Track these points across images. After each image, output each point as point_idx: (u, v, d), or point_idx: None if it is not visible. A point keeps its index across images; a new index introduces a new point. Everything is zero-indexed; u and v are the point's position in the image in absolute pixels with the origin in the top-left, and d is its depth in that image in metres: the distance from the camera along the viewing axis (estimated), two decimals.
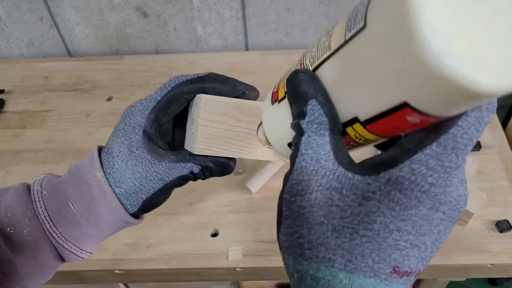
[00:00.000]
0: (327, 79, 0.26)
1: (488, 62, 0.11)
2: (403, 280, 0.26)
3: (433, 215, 0.25)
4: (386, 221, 0.25)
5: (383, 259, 0.25)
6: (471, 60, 0.11)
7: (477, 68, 0.12)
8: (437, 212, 0.25)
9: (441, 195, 0.25)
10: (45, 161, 0.85)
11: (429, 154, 0.24)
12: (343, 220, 0.25)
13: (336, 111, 0.27)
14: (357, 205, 0.25)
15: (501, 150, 0.81)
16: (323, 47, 0.26)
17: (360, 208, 0.25)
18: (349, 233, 0.25)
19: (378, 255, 0.25)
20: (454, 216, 0.26)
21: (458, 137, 0.24)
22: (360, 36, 0.20)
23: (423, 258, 0.26)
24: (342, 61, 0.24)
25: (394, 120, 0.22)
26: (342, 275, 0.25)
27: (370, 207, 0.25)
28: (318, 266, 0.25)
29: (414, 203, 0.25)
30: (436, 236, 0.26)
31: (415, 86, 0.15)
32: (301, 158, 0.27)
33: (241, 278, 0.77)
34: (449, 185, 0.25)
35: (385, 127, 0.24)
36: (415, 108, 0.18)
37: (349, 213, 0.25)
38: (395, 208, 0.25)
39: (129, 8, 0.99)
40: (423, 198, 0.25)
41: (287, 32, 1.03)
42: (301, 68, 0.28)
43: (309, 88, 0.27)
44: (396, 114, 0.21)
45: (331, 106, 0.27)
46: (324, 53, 0.26)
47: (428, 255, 0.26)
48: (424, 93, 0.15)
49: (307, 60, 0.28)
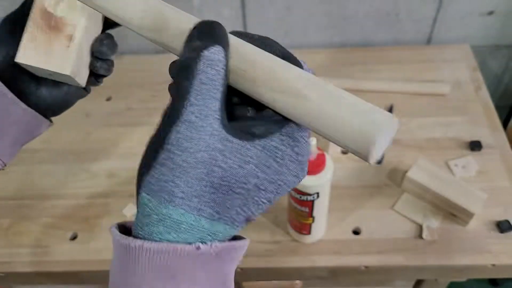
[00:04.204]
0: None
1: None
2: (246, 224, 0.30)
3: (294, 180, 0.30)
4: (258, 182, 0.28)
5: (244, 211, 0.29)
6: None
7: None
8: (297, 178, 0.30)
9: (304, 164, 0.30)
10: (44, 161, 0.85)
11: (294, 127, 0.29)
12: (223, 179, 0.28)
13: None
14: (238, 167, 0.28)
15: (502, 151, 0.81)
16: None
17: (239, 170, 0.28)
18: (225, 190, 0.28)
19: (242, 209, 0.29)
20: (295, 181, 0.31)
21: None
22: None
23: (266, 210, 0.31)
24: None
25: None
26: (205, 221, 0.28)
27: (248, 170, 0.28)
28: (184, 213, 0.27)
29: (284, 170, 0.29)
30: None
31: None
32: (191, 109, 0.27)
33: (242, 279, 0.77)
34: (307, 154, 0.30)
35: None
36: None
37: (229, 174, 0.28)
38: (267, 172, 0.28)
39: None
40: (291, 166, 0.29)
41: (287, 32, 1.03)
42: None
43: (224, 36, 0.28)
44: None
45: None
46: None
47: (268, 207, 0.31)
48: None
49: None
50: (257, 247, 0.71)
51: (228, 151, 0.27)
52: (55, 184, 0.81)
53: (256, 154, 0.28)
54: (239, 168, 0.28)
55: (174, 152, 0.27)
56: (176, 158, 0.27)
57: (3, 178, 0.83)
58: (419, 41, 1.05)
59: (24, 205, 0.78)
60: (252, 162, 0.28)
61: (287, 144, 0.29)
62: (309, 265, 0.69)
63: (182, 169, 0.27)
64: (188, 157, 0.27)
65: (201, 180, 0.27)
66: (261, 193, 0.29)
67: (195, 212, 0.28)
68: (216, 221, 0.28)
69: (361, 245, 0.70)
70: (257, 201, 0.29)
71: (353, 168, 0.80)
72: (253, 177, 0.28)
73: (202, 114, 0.27)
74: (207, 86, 0.27)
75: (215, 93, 0.27)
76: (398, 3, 0.97)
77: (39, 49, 0.39)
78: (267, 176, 0.28)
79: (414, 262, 0.68)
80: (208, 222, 0.28)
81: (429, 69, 0.96)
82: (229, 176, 0.28)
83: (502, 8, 0.98)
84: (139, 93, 0.97)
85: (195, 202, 0.27)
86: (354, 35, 1.03)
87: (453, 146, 0.82)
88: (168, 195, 0.27)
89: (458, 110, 0.88)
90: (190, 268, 0.28)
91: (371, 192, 0.77)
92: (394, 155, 0.81)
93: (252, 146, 0.28)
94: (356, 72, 0.97)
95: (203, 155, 0.27)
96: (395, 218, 0.73)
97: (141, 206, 0.28)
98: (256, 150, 0.28)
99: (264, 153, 0.28)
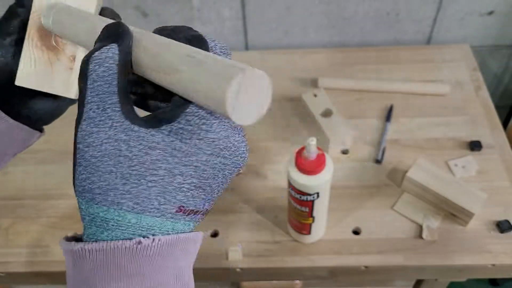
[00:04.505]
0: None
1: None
2: (189, 218, 0.30)
3: (215, 160, 0.29)
4: (170, 167, 0.28)
5: (168, 200, 0.29)
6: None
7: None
8: (219, 157, 0.29)
9: (219, 140, 0.29)
10: (44, 161, 0.85)
11: (195, 106, 0.29)
12: (131, 169, 0.28)
13: (126, 80, 0.30)
14: (144, 154, 0.28)
15: (501, 150, 0.81)
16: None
17: (146, 157, 0.28)
18: (137, 179, 0.28)
19: (163, 197, 0.28)
20: (238, 162, 0.31)
21: None
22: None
23: (209, 199, 0.31)
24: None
25: None
26: (130, 216, 0.28)
27: (156, 156, 0.28)
28: (107, 209, 0.28)
29: (194, 150, 0.29)
30: (222, 179, 0.30)
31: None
32: (88, 107, 0.29)
33: (241, 279, 0.77)
34: (224, 130, 0.29)
35: None
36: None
37: (136, 162, 0.28)
38: (177, 155, 0.28)
39: (128, 8, 0.99)
40: (202, 145, 0.29)
41: (287, 32, 1.03)
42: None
43: (122, 34, 0.30)
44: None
45: (126, 66, 0.30)
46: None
47: (214, 196, 0.31)
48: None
49: None
50: (257, 247, 0.71)
51: (132, 140, 0.28)
52: (55, 184, 0.81)
53: (163, 139, 0.28)
54: (145, 155, 0.28)
55: (82, 149, 0.29)
56: (85, 154, 0.29)
57: (2, 178, 0.83)
58: (419, 41, 1.05)
59: (24, 205, 0.79)
60: (159, 147, 0.28)
61: (194, 123, 0.29)
62: (309, 265, 0.69)
63: (93, 165, 0.28)
64: (94, 151, 0.28)
65: (111, 172, 0.28)
66: (178, 178, 0.29)
67: (115, 206, 0.28)
68: (141, 214, 0.28)
69: (361, 245, 0.70)
70: (179, 187, 0.29)
71: (353, 168, 0.80)
72: (162, 162, 0.28)
73: (99, 108, 0.28)
74: (99, 83, 0.29)
75: (109, 87, 0.29)
76: (398, 3, 0.97)
77: (39, 72, 0.38)
78: (179, 159, 0.28)
79: (414, 262, 0.68)
80: (133, 216, 0.28)
81: (429, 69, 0.96)
82: (137, 165, 0.28)
83: (502, 8, 0.98)
84: None
85: (112, 196, 0.28)
86: (354, 35, 1.03)
87: (453, 146, 0.82)
88: (90, 194, 0.29)
89: (458, 110, 0.88)
90: (137, 264, 0.28)
91: (371, 192, 0.77)
92: (394, 155, 0.81)
93: (158, 132, 0.28)
94: (356, 72, 0.97)
95: (106, 147, 0.28)
96: (395, 218, 0.73)
97: (79, 211, 0.30)
98: (162, 135, 0.28)
99: (171, 136, 0.28)
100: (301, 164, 0.58)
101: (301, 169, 0.59)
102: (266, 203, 0.76)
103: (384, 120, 0.87)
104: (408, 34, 1.03)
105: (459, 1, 0.97)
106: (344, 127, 0.81)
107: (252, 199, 0.77)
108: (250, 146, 0.95)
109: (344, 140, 0.81)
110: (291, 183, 0.61)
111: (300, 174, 0.59)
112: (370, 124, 0.87)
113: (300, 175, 0.59)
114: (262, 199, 0.77)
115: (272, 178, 0.79)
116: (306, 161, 0.58)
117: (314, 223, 0.66)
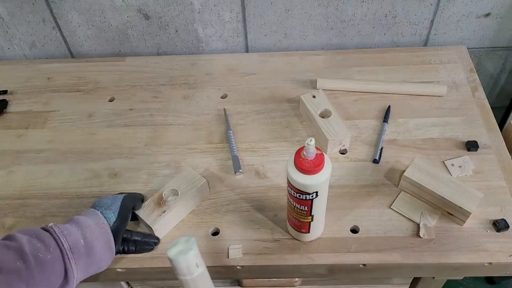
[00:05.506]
0: None
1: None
2: None
3: None
4: None
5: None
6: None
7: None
8: None
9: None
10: (48, 161, 0.86)
11: None
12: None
13: None
14: None
15: (498, 150, 0.82)
16: None
17: None
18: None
19: None
20: None
21: None
22: None
23: None
24: None
25: None
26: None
27: None
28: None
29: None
30: None
31: None
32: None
33: (242, 277, 0.78)
34: None
35: None
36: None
37: None
38: None
39: (130, 10, 1.00)
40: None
41: (287, 34, 1.04)
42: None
43: None
44: None
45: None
46: None
47: None
48: None
49: None
50: (256, 245, 0.72)
51: None
52: (59, 184, 0.82)
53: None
54: None
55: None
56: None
57: (6, 177, 0.84)
58: (417, 43, 1.06)
59: (27, 204, 0.80)
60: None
61: None
62: (308, 263, 0.70)
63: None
64: None
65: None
66: None
67: None
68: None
69: (359, 243, 0.71)
70: None
71: (351, 168, 0.81)
72: None
73: None
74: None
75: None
76: (395, 5, 0.98)
77: (148, 211, 0.73)
78: None
79: (411, 260, 0.69)
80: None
81: (426, 71, 0.98)
82: None
83: (498, 10, 0.99)
84: (141, 94, 0.98)
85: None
86: (352, 37, 1.04)
87: (450, 146, 0.83)
88: None
89: (455, 111, 0.89)
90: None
91: (369, 191, 0.78)
92: (392, 155, 0.82)
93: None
94: (354, 74, 0.98)
95: None
96: (392, 217, 0.74)
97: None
98: None
99: None
100: (300, 164, 0.59)
101: (300, 169, 0.59)
102: (266, 202, 0.77)
103: (382, 121, 0.88)
104: (405, 36, 1.04)
105: (456, 4, 0.98)
106: (342, 128, 0.82)
107: (252, 198, 0.78)
108: (251, 146, 0.96)
109: (343, 140, 0.82)
110: (290, 182, 0.62)
111: (299, 173, 0.60)
112: (368, 125, 0.88)
113: (299, 175, 0.60)
114: (262, 198, 0.78)
115: (271, 177, 0.81)
116: (305, 161, 0.59)
117: (313, 221, 0.67)
